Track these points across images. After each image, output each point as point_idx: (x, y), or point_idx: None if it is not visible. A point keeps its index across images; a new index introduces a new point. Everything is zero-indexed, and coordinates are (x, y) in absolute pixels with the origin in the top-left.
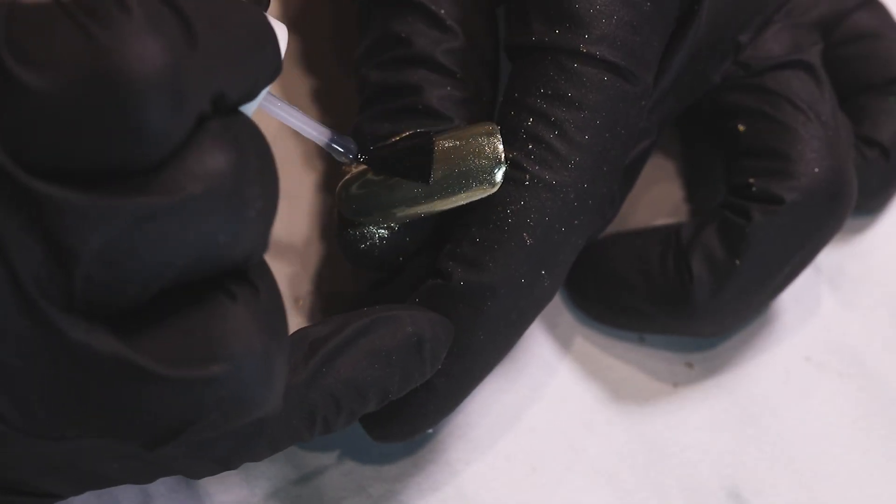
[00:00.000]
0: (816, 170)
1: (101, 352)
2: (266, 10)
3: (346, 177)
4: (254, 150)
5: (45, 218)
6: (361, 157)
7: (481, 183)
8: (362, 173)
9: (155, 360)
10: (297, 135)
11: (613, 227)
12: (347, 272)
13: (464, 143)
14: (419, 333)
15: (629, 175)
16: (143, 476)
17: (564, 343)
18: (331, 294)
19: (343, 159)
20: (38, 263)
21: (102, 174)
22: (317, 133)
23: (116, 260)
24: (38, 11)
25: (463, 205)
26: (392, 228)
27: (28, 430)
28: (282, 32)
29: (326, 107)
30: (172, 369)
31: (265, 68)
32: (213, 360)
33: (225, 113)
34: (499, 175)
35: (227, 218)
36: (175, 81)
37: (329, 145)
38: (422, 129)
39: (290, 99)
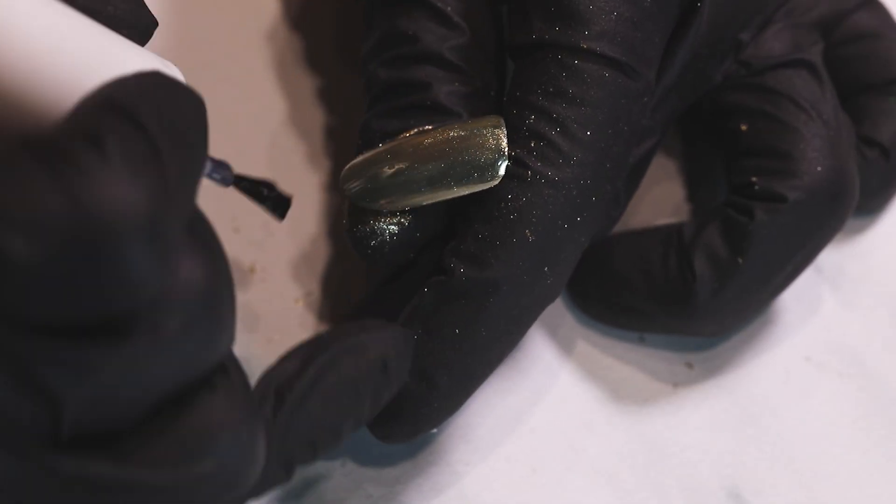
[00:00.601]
0: (819, 168)
1: (95, 478)
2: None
3: (351, 163)
4: (219, 256)
5: (30, 370)
6: (236, 181)
7: (483, 174)
8: (367, 160)
9: (149, 470)
10: (300, 133)
11: (615, 227)
12: (355, 270)
13: (468, 133)
14: (383, 356)
15: (634, 175)
16: None
17: (564, 343)
18: (338, 292)
19: (220, 185)
20: (27, 414)
21: (89, 322)
22: None
23: (103, 401)
24: (8, 163)
25: (466, 195)
26: (402, 224)
27: None
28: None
29: (329, 105)
30: (168, 475)
31: (206, 145)
32: (204, 457)
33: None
34: (501, 168)
35: (209, 336)
36: (159, 228)
37: (209, 175)
38: (431, 126)
39: (294, 99)
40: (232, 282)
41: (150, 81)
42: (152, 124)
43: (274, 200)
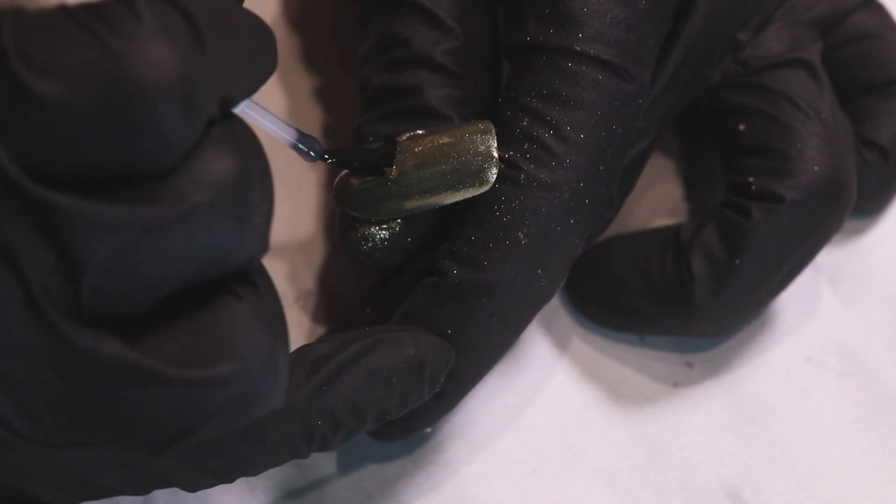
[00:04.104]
0: (816, 168)
1: (109, 357)
2: None
3: (343, 172)
4: (255, 154)
5: (55, 228)
6: (327, 157)
7: (474, 180)
8: None
9: (164, 362)
10: None
11: (613, 229)
12: (350, 271)
13: (458, 139)
14: (421, 356)
15: (628, 176)
16: (141, 488)
17: (564, 343)
18: (333, 293)
19: (307, 159)
20: (48, 273)
21: (111, 181)
22: (284, 133)
23: (124, 270)
24: (45, 18)
25: (458, 201)
26: (393, 229)
27: (36, 438)
28: None
29: (327, 105)
30: (182, 370)
31: (266, 69)
32: (221, 359)
33: (227, 116)
34: (492, 173)
35: (233, 225)
36: (187, 86)
37: (295, 145)
38: (423, 130)
39: (292, 97)
40: (270, 190)
41: None
42: (193, 9)
43: (371, 165)
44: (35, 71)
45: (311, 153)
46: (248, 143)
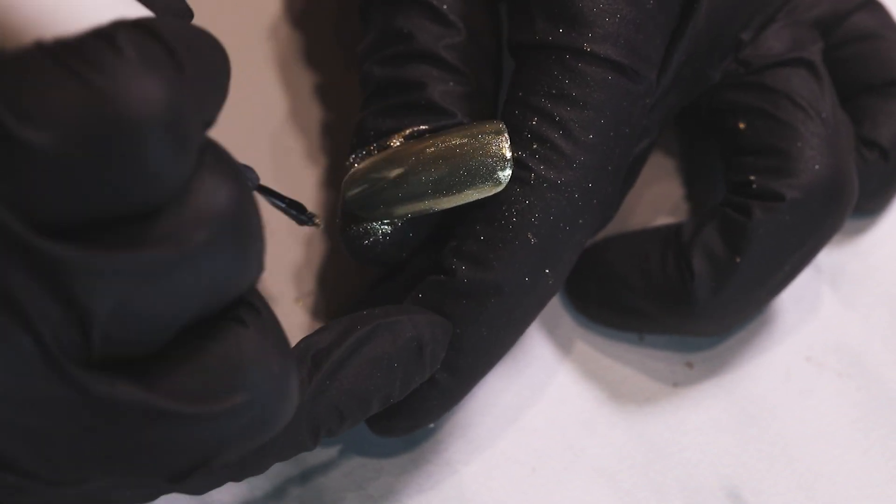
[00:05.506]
0: (817, 167)
1: (125, 402)
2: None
3: (352, 171)
4: (242, 177)
5: (59, 280)
6: (260, 189)
7: (487, 181)
8: (368, 168)
9: (178, 400)
10: (299, 131)
11: (613, 228)
12: (350, 269)
13: (471, 140)
14: (419, 337)
15: (629, 174)
16: (150, 497)
17: (564, 343)
18: (333, 291)
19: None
20: (57, 325)
21: (113, 222)
22: None
23: (131, 315)
24: (24, 61)
25: (468, 202)
26: (395, 224)
27: (53, 481)
28: None
29: (328, 103)
30: (197, 406)
31: (227, 83)
32: (234, 390)
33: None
34: (505, 174)
35: (236, 255)
36: (178, 118)
37: None
38: (426, 125)
39: (293, 96)
40: (259, 212)
41: (166, 20)
42: (168, 35)
43: (296, 216)
44: (23, 119)
45: (249, 184)
46: (238, 175)
